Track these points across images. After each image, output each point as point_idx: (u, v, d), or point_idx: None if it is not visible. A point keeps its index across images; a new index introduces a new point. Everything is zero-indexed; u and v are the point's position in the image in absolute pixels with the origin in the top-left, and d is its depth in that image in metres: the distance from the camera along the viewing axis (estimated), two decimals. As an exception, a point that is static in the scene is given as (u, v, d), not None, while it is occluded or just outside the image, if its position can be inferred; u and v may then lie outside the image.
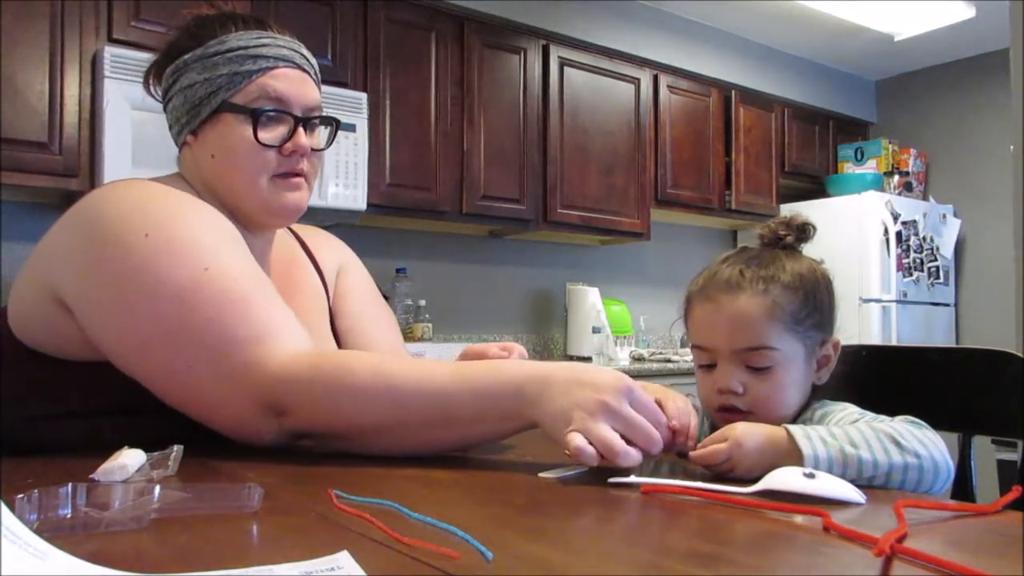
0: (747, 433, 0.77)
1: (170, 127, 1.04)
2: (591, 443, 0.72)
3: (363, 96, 2.83)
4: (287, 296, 1.07)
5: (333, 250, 1.24)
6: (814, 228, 1.01)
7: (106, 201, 0.91)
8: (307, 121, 1.01)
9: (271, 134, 0.98)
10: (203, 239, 0.89)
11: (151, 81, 1.05)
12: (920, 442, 0.78)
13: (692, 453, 0.79)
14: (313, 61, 1.06)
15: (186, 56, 0.99)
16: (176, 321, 0.85)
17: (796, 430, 0.77)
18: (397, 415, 0.82)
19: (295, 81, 1.00)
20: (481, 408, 0.80)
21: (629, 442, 0.73)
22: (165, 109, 1.03)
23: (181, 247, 0.87)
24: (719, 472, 0.77)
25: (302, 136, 1.00)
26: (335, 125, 1.08)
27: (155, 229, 0.87)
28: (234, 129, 0.97)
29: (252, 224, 1.04)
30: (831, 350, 0.98)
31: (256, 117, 0.97)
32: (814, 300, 0.95)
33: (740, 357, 0.93)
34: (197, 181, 1.01)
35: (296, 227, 1.23)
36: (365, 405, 0.82)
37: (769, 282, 0.94)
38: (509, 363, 0.85)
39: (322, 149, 1.05)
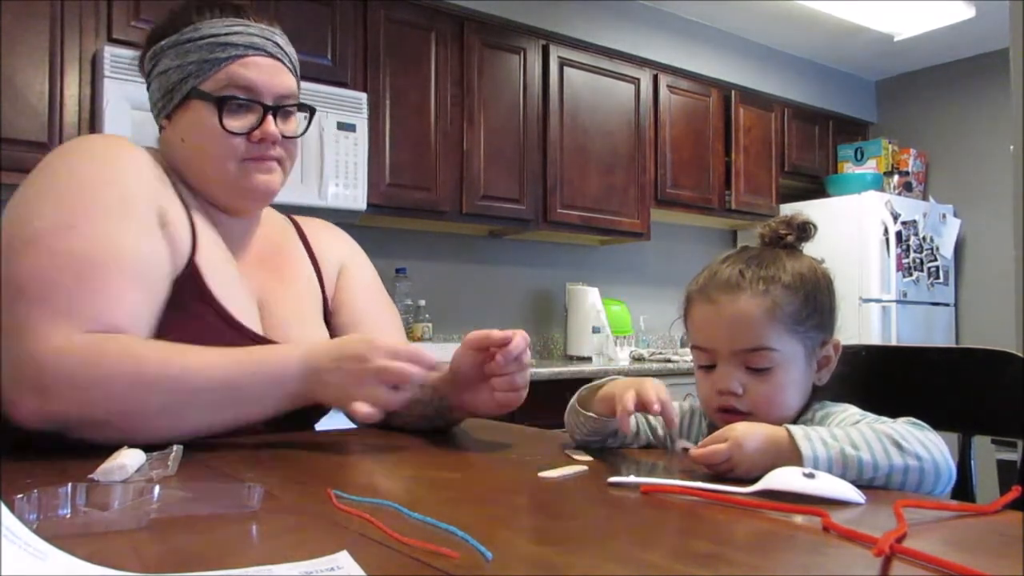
0: (747, 433, 0.77)
1: (151, 110, 1.06)
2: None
3: (363, 96, 2.83)
4: (269, 282, 1.08)
5: (335, 242, 1.24)
6: (815, 227, 1.01)
7: (60, 149, 0.97)
8: (277, 109, 1.02)
9: (239, 122, 1.00)
10: (103, 199, 0.91)
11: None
12: (922, 444, 0.77)
13: (692, 453, 0.79)
14: (289, 49, 1.06)
15: (163, 42, 1.01)
16: (15, 257, 0.86)
17: (796, 431, 0.77)
18: (174, 399, 0.85)
19: (265, 69, 1.01)
20: (260, 392, 0.88)
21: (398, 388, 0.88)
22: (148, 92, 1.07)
23: (70, 196, 0.90)
24: (719, 472, 0.77)
25: (271, 124, 1.01)
26: (310, 112, 1.09)
27: (68, 177, 0.92)
28: (202, 116, 0.99)
29: (226, 208, 1.05)
30: (831, 351, 0.98)
31: (221, 105, 0.98)
32: (815, 301, 0.95)
33: (740, 358, 0.92)
34: (171, 163, 1.03)
35: (299, 218, 1.23)
36: (145, 391, 0.84)
37: (769, 282, 0.93)
38: (281, 348, 0.93)
39: (296, 136, 1.06)
